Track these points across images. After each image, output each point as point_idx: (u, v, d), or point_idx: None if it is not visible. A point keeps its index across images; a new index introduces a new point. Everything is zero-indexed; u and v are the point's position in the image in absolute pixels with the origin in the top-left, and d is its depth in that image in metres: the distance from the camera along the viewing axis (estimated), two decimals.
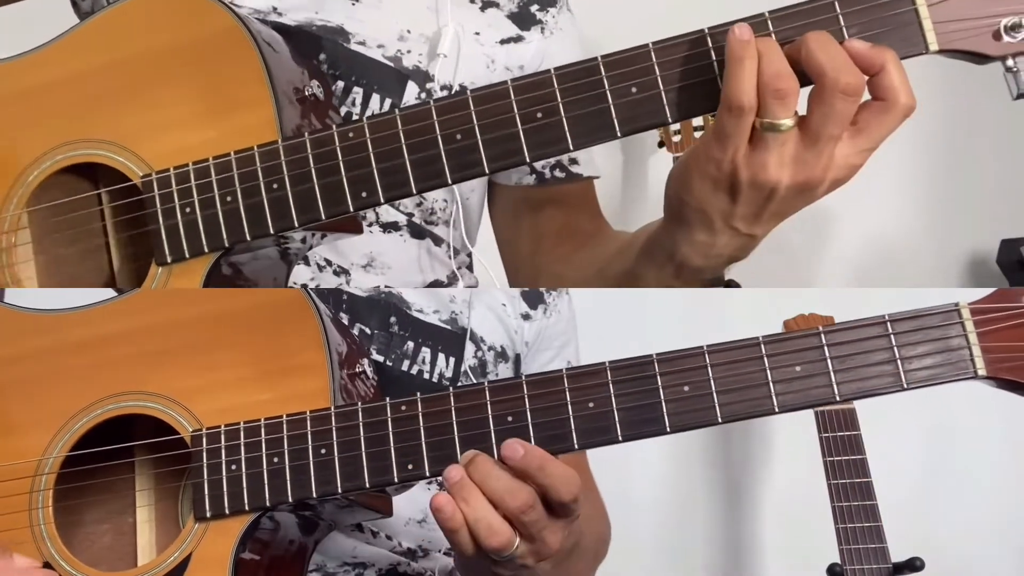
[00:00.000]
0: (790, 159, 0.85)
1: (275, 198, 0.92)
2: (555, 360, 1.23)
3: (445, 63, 1.15)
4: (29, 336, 1.02)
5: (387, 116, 0.91)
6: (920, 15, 0.85)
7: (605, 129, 0.89)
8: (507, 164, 0.91)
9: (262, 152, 0.93)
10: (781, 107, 0.83)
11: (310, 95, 0.99)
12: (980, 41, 0.86)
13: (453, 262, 1.21)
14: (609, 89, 0.88)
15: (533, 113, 0.89)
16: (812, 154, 0.85)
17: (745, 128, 0.85)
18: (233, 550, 0.91)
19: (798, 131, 0.85)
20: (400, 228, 1.15)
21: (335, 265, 1.12)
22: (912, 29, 0.86)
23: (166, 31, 0.97)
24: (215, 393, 0.95)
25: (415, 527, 1.13)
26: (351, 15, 1.13)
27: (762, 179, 0.86)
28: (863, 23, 0.86)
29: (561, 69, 0.89)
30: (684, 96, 0.88)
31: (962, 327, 0.85)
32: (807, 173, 0.86)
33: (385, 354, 1.10)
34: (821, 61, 0.82)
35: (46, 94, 1.00)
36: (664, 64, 0.88)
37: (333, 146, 0.92)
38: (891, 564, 1.79)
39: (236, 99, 0.95)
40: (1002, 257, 2.59)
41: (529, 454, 0.84)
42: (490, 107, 0.90)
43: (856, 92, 0.83)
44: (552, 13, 1.23)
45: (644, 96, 0.88)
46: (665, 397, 0.86)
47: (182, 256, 0.94)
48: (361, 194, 0.92)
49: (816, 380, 0.85)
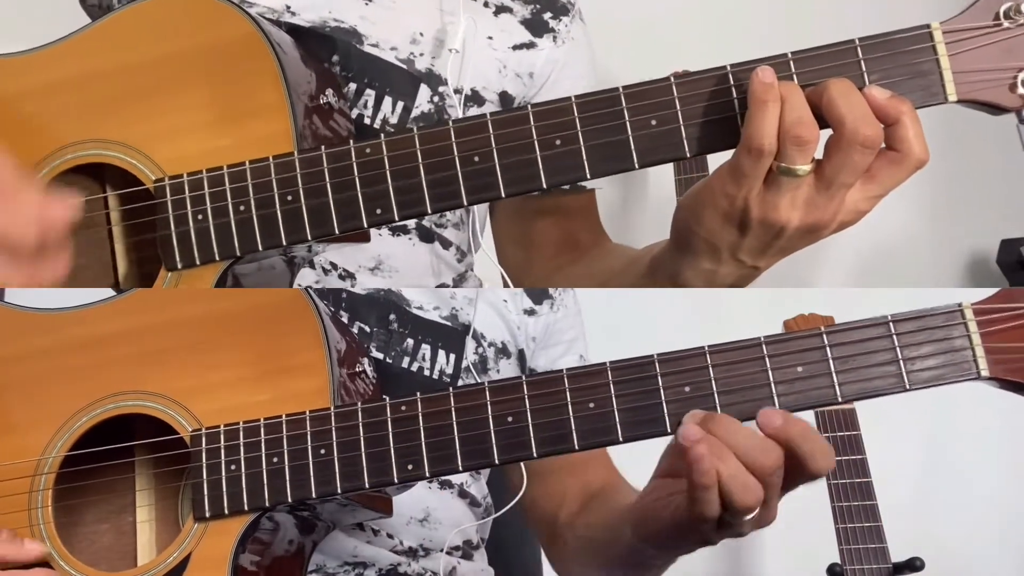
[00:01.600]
0: (802, 202, 0.87)
1: (289, 210, 0.92)
2: (567, 355, 1.23)
3: (455, 60, 1.14)
4: (29, 335, 1.01)
5: (405, 134, 0.92)
6: (941, 65, 0.87)
7: (623, 160, 0.89)
8: (523, 189, 0.91)
9: (277, 164, 0.93)
10: (800, 154, 0.85)
11: (325, 104, 0.99)
12: (997, 93, 0.87)
13: (463, 264, 1.21)
14: (629, 120, 0.89)
15: (552, 140, 0.90)
16: (824, 198, 0.86)
17: (762, 170, 0.86)
18: (232, 550, 0.91)
19: (812, 176, 0.86)
20: (409, 232, 1.15)
21: (340, 269, 1.11)
22: (933, 79, 0.87)
23: (182, 35, 0.97)
24: (214, 393, 0.95)
25: (416, 526, 1.13)
26: (364, 15, 1.12)
27: (773, 219, 0.88)
28: (885, 70, 0.87)
29: (582, 97, 0.90)
30: (703, 132, 0.89)
31: (965, 328, 0.85)
32: (817, 216, 0.87)
33: (385, 351, 1.10)
34: (842, 111, 0.83)
35: (57, 92, 0.99)
36: (685, 99, 0.88)
37: (349, 161, 0.92)
38: (891, 564, 1.79)
39: (252, 108, 0.94)
40: (1002, 257, 2.59)
41: (789, 422, 0.83)
42: (509, 131, 0.90)
43: (875, 145, 0.84)
44: (565, 22, 1.23)
45: (663, 130, 0.89)
46: (666, 398, 0.86)
47: (193, 262, 0.94)
48: (376, 211, 0.92)
49: (818, 381, 0.85)
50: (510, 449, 0.88)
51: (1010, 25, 0.86)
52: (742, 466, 0.82)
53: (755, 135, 0.85)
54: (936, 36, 0.87)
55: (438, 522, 1.14)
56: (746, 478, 0.82)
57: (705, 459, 0.81)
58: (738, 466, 0.82)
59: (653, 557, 0.98)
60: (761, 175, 0.86)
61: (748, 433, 0.83)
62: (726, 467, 0.81)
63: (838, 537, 1.81)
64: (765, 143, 0.84)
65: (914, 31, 0.87)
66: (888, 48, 0.87)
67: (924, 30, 0.87)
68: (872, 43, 0.87)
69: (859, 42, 0.87)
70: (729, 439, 0.82)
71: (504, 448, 0.88)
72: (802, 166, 0.85)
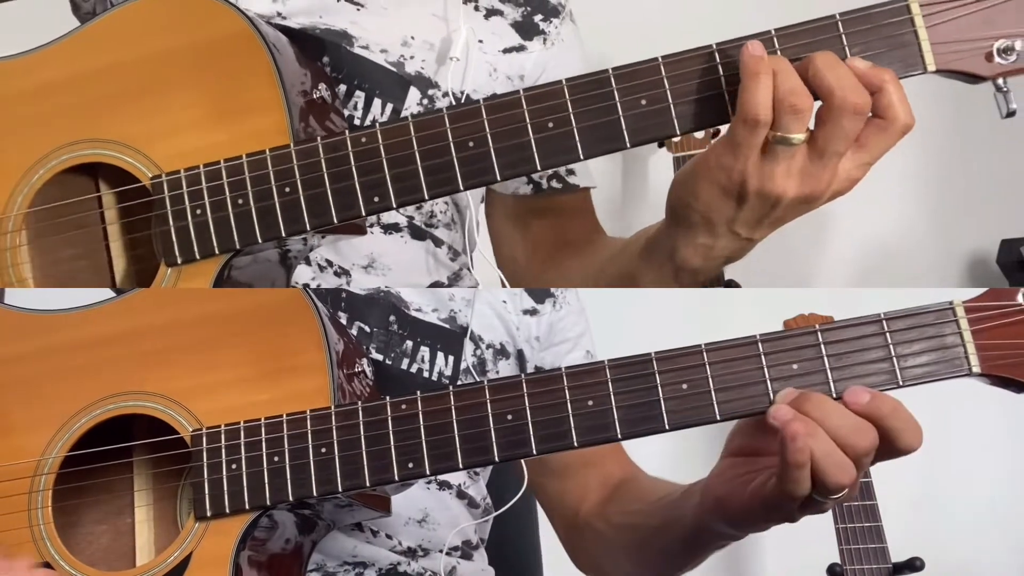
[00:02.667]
0: (797, 171, 0.89)
1: (287, 202, 0.93)
2: (574, 351, 1.24)
3: (456, 67, 1.15)
4: (29, 336, 1.02)
5: (400, 123, 0.93)
6: (919, 36, 0.88)
7: (615, 139, 0.91)
8: (518, 172, 0.93)
9: (274, 156, 0.94)
10: (796, 122, 0.86)
11: (318, 98, 1.00)
12: (974, 62, 0.89)
13: (456, 263, 1.21)
14: (619, 101, 0.90)
15: (545, 123, 0.91)
16: (818, 167, 0.88)
17: (758, 140, 0.87)
18: (233, 549, 0.91)
19: (806, 146, 0.87)
20: (401, 230, 1.16)
21: (336, 266, 1.12)
22: (911, 50, 0.89)
23: (176, 33, 0.97)
24: (215, 393, 0.95)
25: (415, 526, 1.13)
26: (355, 20, 1.13)
27: (769, 189, 0.89)
28: (865, 43, 0.89)
29: (572, 80, 0.91)
30: (692, 109, 0.90)
31: (956, 325, 0.86)
32: (812, 186, 0.89)
33: (384, 352, 1.11)
34: (830, 81, 0.85)
35: (52, 93, 0.99)
36: (673, 78, 0.90)
37: (346, 151, 0.93)
38: (891, 564, 1.80)
39: (247, 103, 0.95)
40: (1002, 257, 2.59)
41: (877, 398, 0.83)
42: (502, 116, 0.92)
43: (863, 111, 0.86)
44: (555, 23, 1.24)
45: (653, 108, 0.90)
46: (664, 395, 0.87)
47: (192, 257, 0.95)
48: (373, 199, 0.93)
49: (813, 378, 0.86)
50: (510, 447, 0.89)
51: None
52: (835, 445, 0.82)
53: (750, 106, 0.86)
54: (914, 8, 0.88)
55: (436, 523, 1.15)
56: (840, 457, 0.82)
57: (799, 438, 0.82)
58: (832, 446, 0.82)
59: (722, 537, 0.98)
60: (757, 146, 0.88)
61: (841, 412, 0.83)
62: (820, 446, 0.82)
63: (838, 537, 1.81)
64: (760, 113, 0.86)
65: (892, 4, 0.88)
66: (868, 22, 0.88)
67: (902, 2, 0.88)
68: (852, 18, 0.88)
69: (839, 17, 0.88)
70: (823, 419, 0.83)
71: (504, 446, 0.89)
72: (797, 135, 0.86)
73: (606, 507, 1.20)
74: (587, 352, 1.25)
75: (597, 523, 1.20)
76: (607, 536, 1.19)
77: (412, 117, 0.92)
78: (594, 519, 1.21)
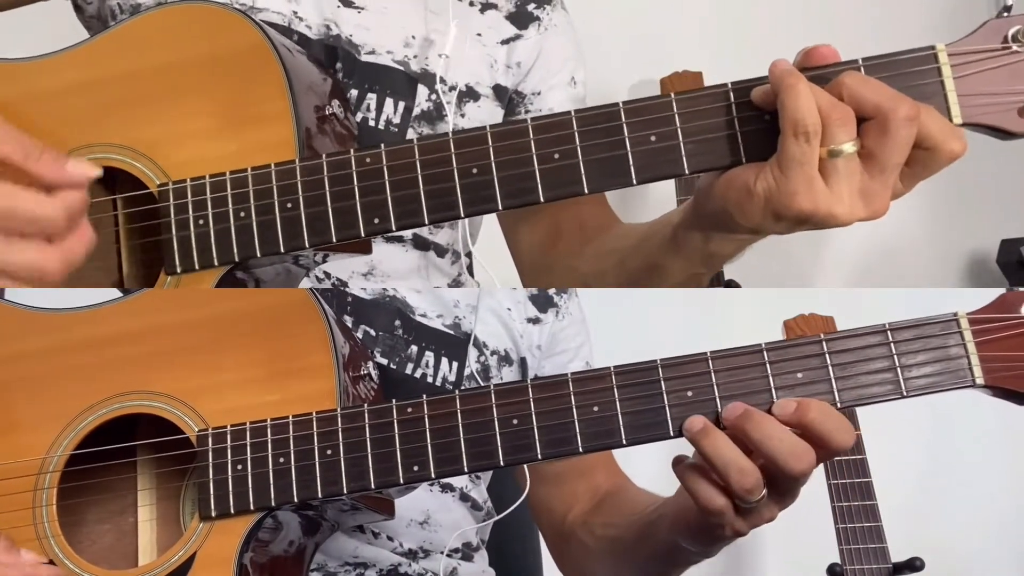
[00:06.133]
0: (858, 191, 0.84)
1: (288, 217, 0.93)
2: (574, 361, 1.24)
3: (445, 64, 1.17)
4: (35, 334, 1.02)
5: (405, 145, 0.92)
6: (946, 87, 0.85)
7: (621, 175, 0.89)
8: (521, 202, 0.90)
9: (279, 171, 0.93)
10: (843, 130, 0.82)
11: (329, 113, 1.00)
12: (1004, 117, 0.86)
13: (456, 268, 1.21)
14: (628, 136, 0.88)
15: (551, 154, 0.89)
16: (879, 183, 0.84)
17: (814, 154, 0.83)
18: (238, 550, 0.91)
19: (863, 164, 0.83)
20: (404, 241, 1.16)
21: (334, 278, 1.13)
22: (937, 100, 0.85)
23: (191, 43, 0.97)
24: (221, 393, 0.95)
25: (416, 528, 1.13)
26: (359, 23, 1.15)
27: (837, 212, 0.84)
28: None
29: (581, 112, 0.89)
30: (703, 148, 0.88)
31: (961, 336, 0.86)
32: (875, 207, 0.85)
33: (389, 357, 1.11)
34: (871, 95, 0.82)
35: (66, 97, 0.99)
36: (685, 115, 0.88)
37: (349, 170, 0.92)
38: (891, 564, 1.80)
39: (258, 115, 0.95)
40: (1002, 257, 2.59)
41: (803, 405, 0.84)
42: (508, 144, 0.90)
43: (916, 116, 0.82)
44: (547, 10, 1.27)
45: (663, 146, 0.88)
46: (669, 402, 0.87)
47: (192, 267, 0.94)
48: (373, 220, 0.92)
49: (817, 387, 0.86)
50: (515, 451, 0.89)
51: (1019, 48, 0.85)
52: (739, 452, 0.84)
53: (798, 115, 0.82)
54: (941, 58, 0.85)
55: (438, 525, 1.15)
56: (742, 462, 0.84)
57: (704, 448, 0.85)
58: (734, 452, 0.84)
59: (688, 552, 0.98)
60: (814, 161, 0.83)
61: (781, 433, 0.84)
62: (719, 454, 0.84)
63: (838, 537, 1.81)
64: (809, 120, 0.82)
65: (919, 52, 0.86)
66: (892, 68, 0.85)
67: (929, 51, 0.85)
68: (876, 63, 0.86)
69: (862, 62, 0.86)
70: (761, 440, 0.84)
71: (509, 450, 0.89)
72: (848, 143, 0.83)
73: (591, 518, 1.21)
74: (586, 363, 1.25)
75: (581, 533, 1.21)
76: (589, 546, 1.19)
77: (417, 140, 0.92)
78: (578, 528, 1.21)
